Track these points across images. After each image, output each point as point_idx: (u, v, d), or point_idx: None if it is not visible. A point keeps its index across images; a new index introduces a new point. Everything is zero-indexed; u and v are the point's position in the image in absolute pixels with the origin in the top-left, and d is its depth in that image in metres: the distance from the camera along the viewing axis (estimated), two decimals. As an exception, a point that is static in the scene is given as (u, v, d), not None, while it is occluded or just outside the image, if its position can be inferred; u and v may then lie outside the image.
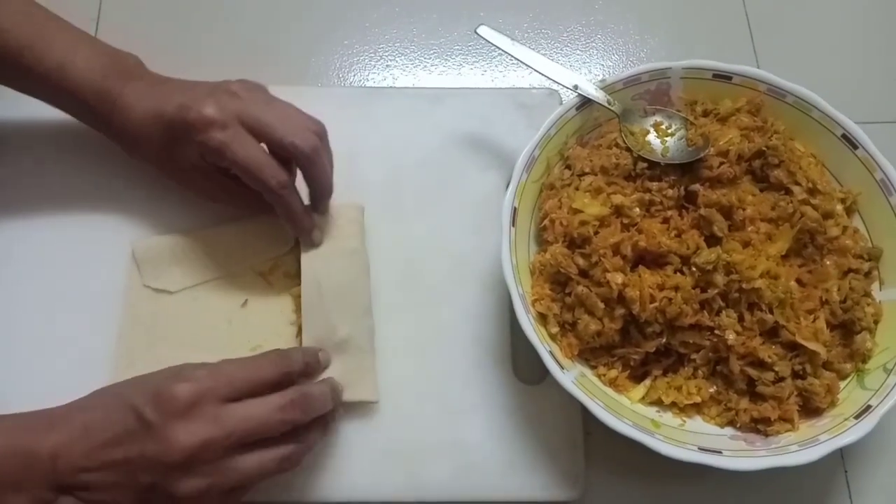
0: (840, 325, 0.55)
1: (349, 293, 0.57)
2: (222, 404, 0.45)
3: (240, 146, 0.52)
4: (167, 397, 0.44)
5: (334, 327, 0.55)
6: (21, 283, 0.59)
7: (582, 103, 0.59)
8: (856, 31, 0.76)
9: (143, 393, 0.44)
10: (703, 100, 0.61)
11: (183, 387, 0.44)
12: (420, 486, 0.54)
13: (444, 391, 0.57)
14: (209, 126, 0.52)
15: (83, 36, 0.57)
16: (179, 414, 0.43)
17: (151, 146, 0.56)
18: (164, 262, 0.59)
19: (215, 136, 0.52)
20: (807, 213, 0.55)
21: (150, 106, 0.55)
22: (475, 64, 0.73)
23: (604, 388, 0.53)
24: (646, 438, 0.49)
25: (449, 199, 0.64)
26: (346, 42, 0.73)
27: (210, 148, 0.52)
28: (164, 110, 0.54)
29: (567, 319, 0.54)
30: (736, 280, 0.52)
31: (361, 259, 0.59)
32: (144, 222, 0.61)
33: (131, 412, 0.44)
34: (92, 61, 0.55)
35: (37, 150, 0.64)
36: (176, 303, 0.58)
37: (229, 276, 0.59)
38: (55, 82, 0.55)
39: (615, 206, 0.56)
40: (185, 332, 0.57)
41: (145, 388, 0.45)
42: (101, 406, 0.45)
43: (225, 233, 0.60)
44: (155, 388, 0.44)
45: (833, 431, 0.50)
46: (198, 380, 0.45)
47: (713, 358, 0.53)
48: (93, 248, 0.60)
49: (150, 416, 0.43)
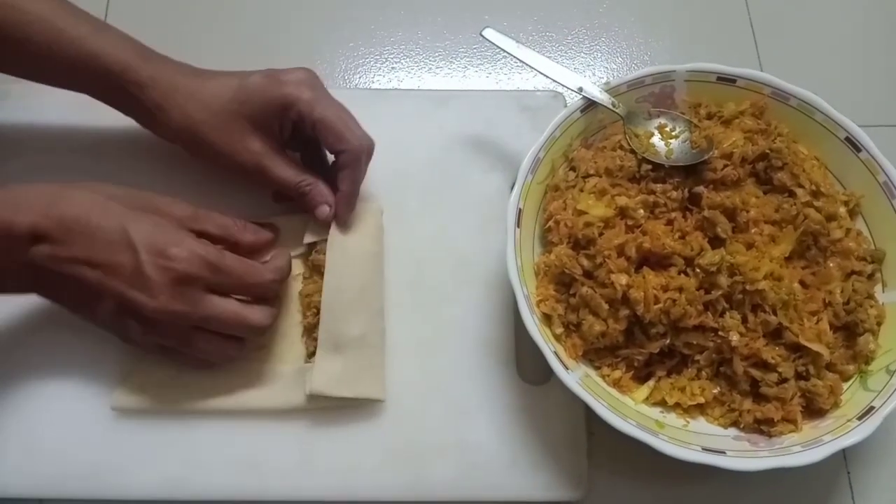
0: (843, 327, 0.55)
1: (367, 293, 0.58)
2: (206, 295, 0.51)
3: (329, 104, 0.57)
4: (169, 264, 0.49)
5: (349, 325, 0.56)
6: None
7: (586, 106, 0.59)
8: (859, 35, 0.76)
9: (148, 240, 0.49)
10: (706, 102, 0.62)
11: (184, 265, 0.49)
12: (425, 486, 0.54)
13: (448, 391, 0.57)
14: (301, 84, 0.56)
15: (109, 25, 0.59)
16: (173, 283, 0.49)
17: (195, 118, 0.57)
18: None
19: (307, 92, 0.56)
20: (810, 216, 0.56)
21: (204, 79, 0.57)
22: (480, 66, 0.73)
23: (608, 389, 0.54)
24: (650, 439, 0.49)
25: (453, 201, 0.64)
26: (352, 44, 0.74)
27: (303, 100, 0.56)
28: (248, 76, 0.57)
29: (571, 320, 0.55)
30: (740, 282, 0.52)
31: (380, 261, 0.60)
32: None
33: (129, 250, 0.49)
34: (120, 41, 0.57)
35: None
36: None
37: None
38: (79, 53, 0.55)
39: (620, 208, 0.56)
40: None
41: (154, 234, 0.49)
42: (93, 212, 0.49)
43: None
44: (162, 246, 0.49)
45: (836, 432, 0.50)
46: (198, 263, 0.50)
47: (717, 359, 0.53)
48: None
49: (147, 269, 0.48)
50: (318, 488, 0.54)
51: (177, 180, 0.62)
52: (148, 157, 0.64)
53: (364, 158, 0.58)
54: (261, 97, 0.56)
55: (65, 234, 0.48)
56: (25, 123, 0.65)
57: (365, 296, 0.57)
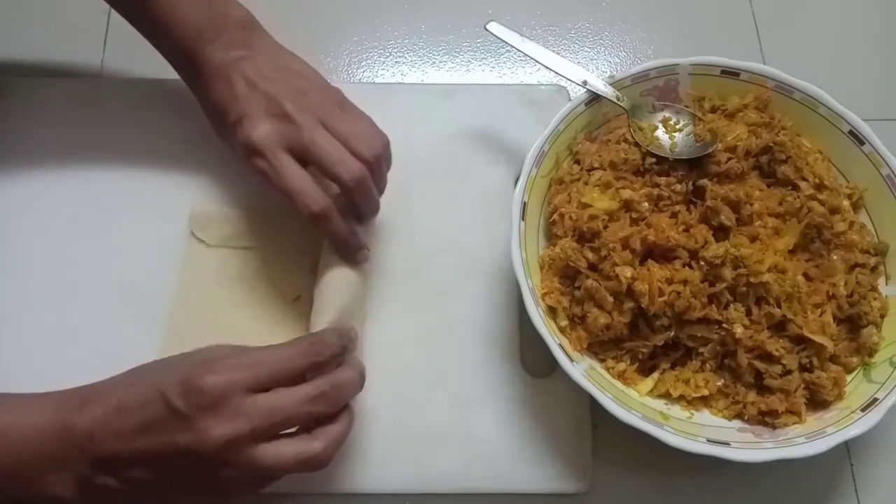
0: (847, 320, 0.55)
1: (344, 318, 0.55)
2: (249, 395, 0.44)
3: (278, 174, 0.53)
4: (195, 388, 0.43)
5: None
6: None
7: (591, 99, 0.60)
8: (862, 28, 0.77)
9: (172, 380, 0.44)
10: (710, 96, 0.62)
11: (211, 379, 0.43)
12: (429, 478, 0.55)
13: (452, 383, 0.57)
14: (254, 151, 0.53)
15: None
16: (208, 406, 0.43)
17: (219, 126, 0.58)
18: (216, 221, 0.61)
19: (257, 163, 0.53)
20: (814, 209, 0.56)
21: (218, 96, 0.56)
22: (483, 60, 0.73)
23: (612, 381, 0.54)
24: (655, 430, 0.49)
25: (457, 194, 0.64)
26: (356, 39, 0.74)
27: (254, 172, 0.54)
28: (228, 112, 0.55)
29: (576, 313, 0.55)
30: (744, 274, 0.52)
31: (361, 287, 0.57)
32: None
33: (161, 398, 0.44)
34: (196, 15, 0.57)
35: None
36: (230, 291, 0.59)
37: (284, 272, 0.60)
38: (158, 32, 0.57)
39: (624, 201, 0.56)
40: (235, 322, 0.58)
41: (175, 374, 0.44)
42: (134, 386, 0.46)
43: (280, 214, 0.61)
44: (184, 377, 0.44)
45: (840, 424, 0.50)
46: (225, 372, 0.44)
47: (721, 351, 0.54)
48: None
49: (179, 406, 0.43)
50: (322, 480, 0.54)
51: (184, 171, 0.63)
52: (157, 151, 0.64)
53: (356, 188, 0.54)
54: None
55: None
56: (33, 117, 0.65)
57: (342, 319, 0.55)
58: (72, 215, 0.62)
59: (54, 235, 0.61)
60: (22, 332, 0.58)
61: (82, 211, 0.62)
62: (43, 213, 0.62)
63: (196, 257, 0.60)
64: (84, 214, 0.62)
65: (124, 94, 0.67)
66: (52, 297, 0.59)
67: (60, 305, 0.59)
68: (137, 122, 0.65)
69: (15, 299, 0.59)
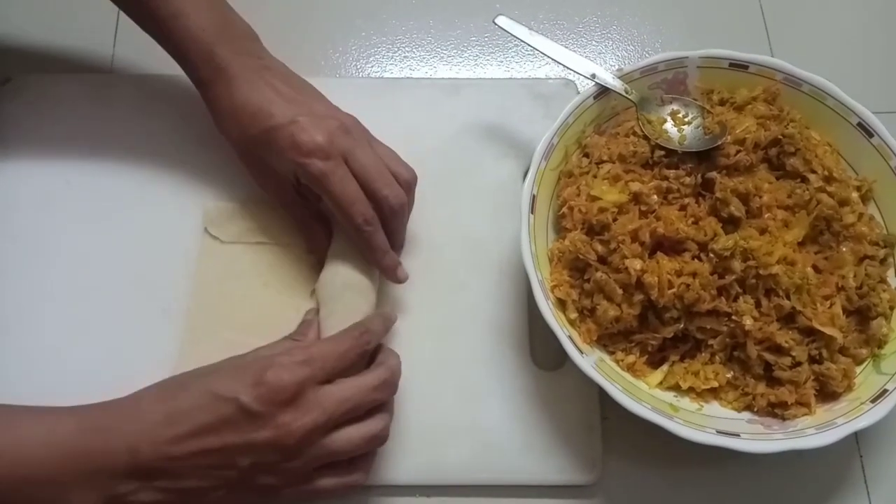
0: (856, 311, 0.55)
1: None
2: (320, 388, 0.47)
3: (339, 179, 0.53)
4: (271, 387, 0.45)
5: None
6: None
7: (599, 92, 0.60)
8: (870, 20, 0.76)
9: (238, 383, 0.45)
10: (719, 89, 0.62)
11: (285, 377, 0.45)
12: (438, 470, 0.55)
13: (462, 376, 0.58)
14: (315, 152, 0.53)
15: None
16: (286, 402, 0.45)
17: (242, 133, 0.56)
18: (230, 217, 0.62)
19: (317, 164, 0.53)
20: (823, 201, 0.56)
21: (256, 98, 0.55)
22: (492, 55, 0.73)
23: (622, 373, 0.54)
24: (665, 422, 0.49)
25: (467, 188, 0.64)
26: (364, 33, 0.74)
27: (310, 173, 0.53)
28: (273, 114, 0.54)
29: (586, 305, 0.55)
30: (753, 266, 0.52)
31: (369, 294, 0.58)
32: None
33: (227, 402, 0.44)
34: (206, 20, 0.56)
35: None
36: (245, 286, 0.60)
37: (298, 267, 0.60)
38: (168, 32, 0.56)
39: (633, 194, 0.56)
40: (251, 318, 0.58)
41: (239, 377, 0.46)
42: (181, 396, 0.46)
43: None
44: (256, 378, 0.45)
45: (849, 415, 0.50)
46: (296, 369, 0.46)
47: (730, 343, 0.54)
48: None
49: (255, 407, 0.44)
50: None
51: (196, 168, 0.63)
52: (169, 147, 0.64)
53: (399, 212, 0.55)
54: (270, 145, 0.54)
55: None
56: (45, 113, 0.66)
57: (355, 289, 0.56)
58: (85, 212, 0.63)
59: (68, 232, 0.62)
60: (36, 327, 0.58)
61: (95, 207, 0.63)
62: (56, 210, 0.62)
63: (210, 254, 0.61)
64: (97, 211, 0.63)
65: (135, 90, 0.67)
66: (67, 293, 0.60)
67: (74, 301, 0.59)
68: (149, 118, 0.66)
69: (30, 295, 0.60)
